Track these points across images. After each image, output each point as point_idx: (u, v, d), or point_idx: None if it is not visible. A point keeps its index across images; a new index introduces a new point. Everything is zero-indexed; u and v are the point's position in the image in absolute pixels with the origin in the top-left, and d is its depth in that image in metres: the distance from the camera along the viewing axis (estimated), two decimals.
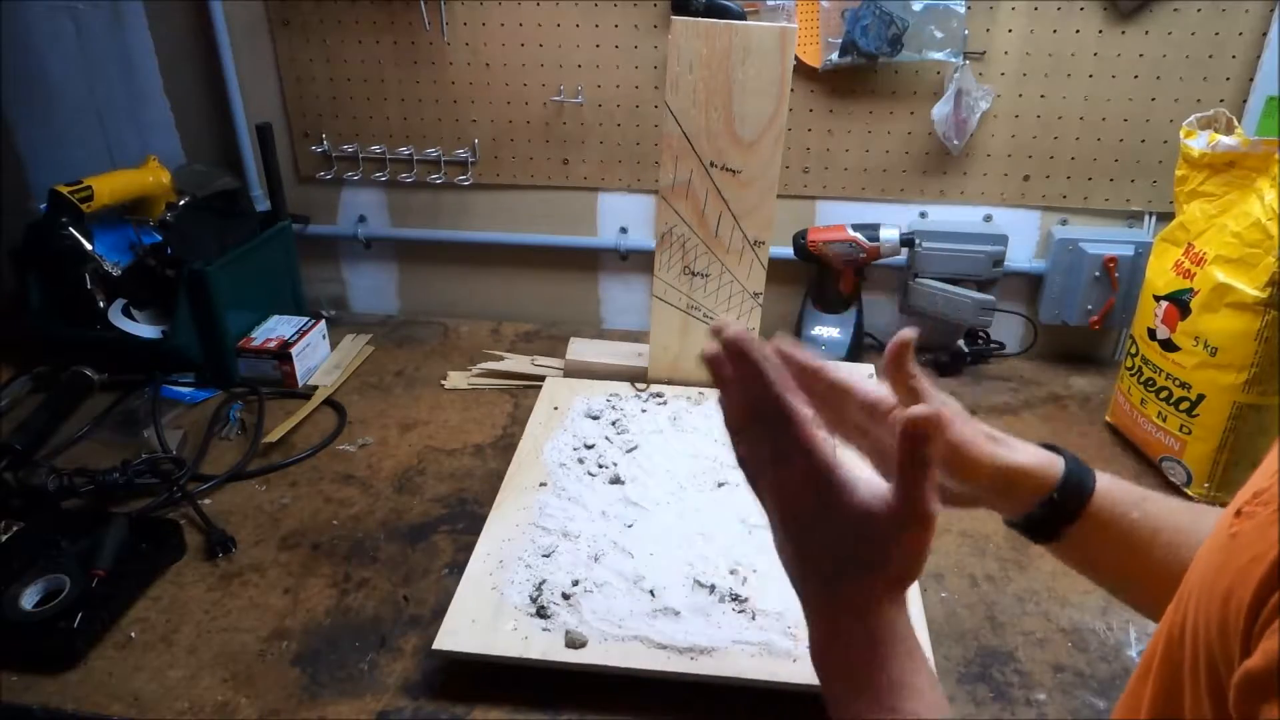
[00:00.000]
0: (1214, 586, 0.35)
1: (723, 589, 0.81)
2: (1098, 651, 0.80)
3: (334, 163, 1.41)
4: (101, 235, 1.25)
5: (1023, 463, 0.56)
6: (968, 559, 0.92)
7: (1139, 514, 0.56)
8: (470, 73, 1.32)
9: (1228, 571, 0.35)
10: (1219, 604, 0.34)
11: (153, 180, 1.29)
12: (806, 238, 1.25)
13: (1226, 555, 0.35)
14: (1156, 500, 0.57)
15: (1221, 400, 0.96)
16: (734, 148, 1.04)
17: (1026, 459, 0.56)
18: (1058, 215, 1.30)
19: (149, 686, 0.76)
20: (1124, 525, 0.56)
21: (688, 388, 1.15)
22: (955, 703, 0.75)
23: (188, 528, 0.94)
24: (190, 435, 1.11)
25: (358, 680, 0.77)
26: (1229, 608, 0.34)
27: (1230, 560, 0.35)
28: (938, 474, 0.48)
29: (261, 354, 1.22)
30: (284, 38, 1.34)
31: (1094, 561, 0.60)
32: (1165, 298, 1.01)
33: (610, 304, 1.48)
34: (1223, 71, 1.18)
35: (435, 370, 1.29)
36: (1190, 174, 1.01)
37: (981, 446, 0.56)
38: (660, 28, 1.25)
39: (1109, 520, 0.56)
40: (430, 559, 0.91)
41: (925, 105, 1.23)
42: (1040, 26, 1.19)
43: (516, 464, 1.00)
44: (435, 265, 1.49)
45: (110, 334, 1.21)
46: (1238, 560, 0.34)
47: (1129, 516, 0.56)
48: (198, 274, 1.17)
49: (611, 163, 1.36)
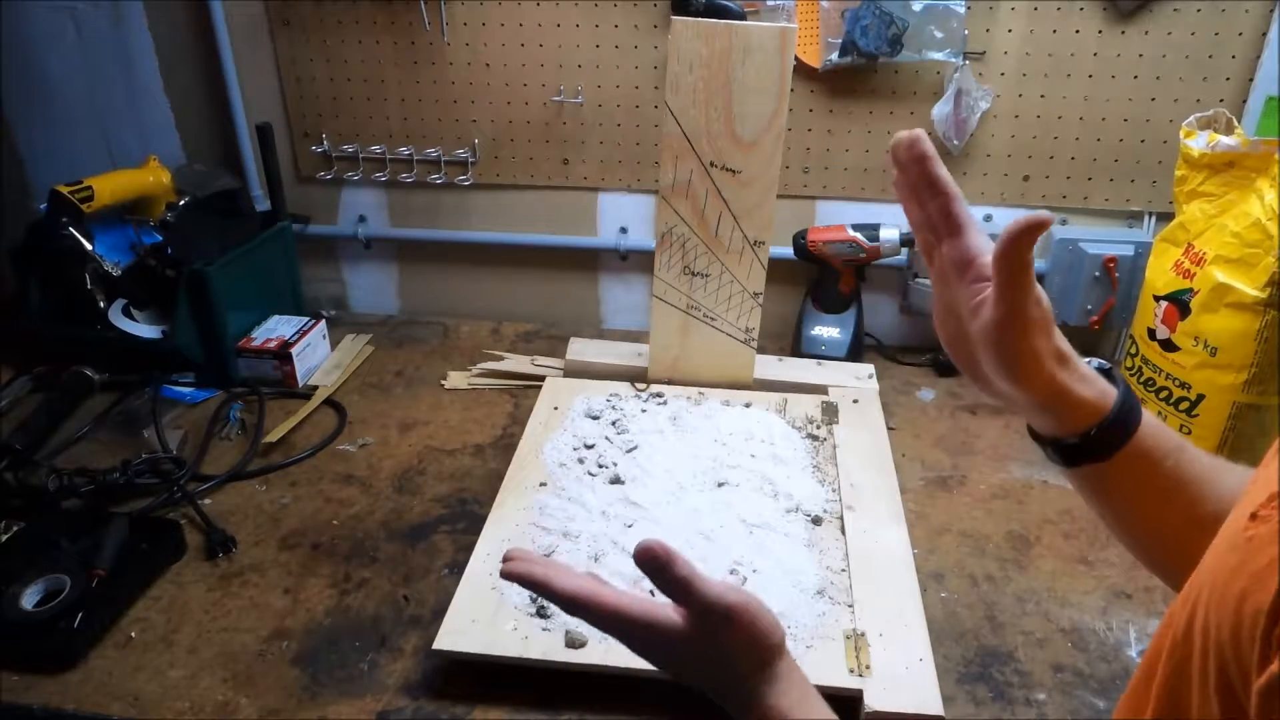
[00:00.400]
0: (1228, 589, 0.35)
1: None
2: (1098, 651, 0.80)
3: (334, 163, 1.41)
4: (101, 235, 1.25)
5: (1079, 397, 0.52)
6: (968, 559, 0.92)
7: (1172, 463, 0.53)
8: (470, 73, 1.32)
9: (1242, 574, 0.34)
10: (1233, 606, 0.34)
11: (153, 180, 1.29)
12: (806, 238, 1.25)
13: (1242, 558, 0.35)
14: (1190, 452, 0.54)
15: (1221, 400, 0.96)
16: (734, 148, 1.04)
17: (1084, 393, 0.52)
18: (1058, 215, 1.30)
19: (149, 686, 0.76)
20: (1153, 473, 0.53)
21: (688, 388, 1.15)
22: (955, 703, 0.75)
23: (188, 528, 0.94)
24: (190, 435, 1.11)
25: (358, 680, 0.77)
26: (1244, 611, 0.33)
27: (1245, 563, 0.34)
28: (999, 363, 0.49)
29: (261, 354, 1.22)
30: (284, 38, 1.34)
31: (1108, 496, 0.57)
32: (1165, 298, 1.01)
33: (610, 304, 1.48)
34: (1223, 71, 1.18)
35: (435, 370, 1.29)
36: (1190, 174, 1.01)
37: (1045, 366, 0.51)
38: (660, 28, 1.25)
39: (1139, 465, 0.53)
40: (430, 559, 0.91)
41: (925, 105, 1.23)
42: (1040, 26, 1.19)
43: (516, 464, 1.00)
44: (435, 265, 1.49)
45: (110, 334, 1.21)
46: (1254, 564, 0.34)
47: (1163, 465, 0.53)
48: (198, 274, 1.17)
49: (611, 163, 1.36)
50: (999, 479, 1.05)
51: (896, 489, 0.97)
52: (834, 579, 0.83)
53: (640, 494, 0.94)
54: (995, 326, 0.50)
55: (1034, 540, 0.95)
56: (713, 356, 1.15)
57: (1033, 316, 0.49)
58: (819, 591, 0.82)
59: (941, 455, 1.09)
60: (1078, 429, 0.53)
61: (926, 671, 0.73)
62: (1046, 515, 0.98)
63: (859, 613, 0.79)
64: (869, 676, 0.73)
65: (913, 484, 1.03)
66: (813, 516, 0.91)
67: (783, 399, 1.13)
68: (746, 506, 0.92)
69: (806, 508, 0.92)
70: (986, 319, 0.50)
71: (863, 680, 0.72)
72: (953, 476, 1.05)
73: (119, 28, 1.36)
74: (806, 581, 0.82)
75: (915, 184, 0.52)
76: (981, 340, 0.52)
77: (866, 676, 0.73)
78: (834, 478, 0.98)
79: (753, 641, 0.51)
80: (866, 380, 1.17)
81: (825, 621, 0.78)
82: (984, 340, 0.51)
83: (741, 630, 0.51)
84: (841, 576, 0.84)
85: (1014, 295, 0.49)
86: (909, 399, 1.21)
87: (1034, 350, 0.50)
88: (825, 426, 1.08)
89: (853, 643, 0.76)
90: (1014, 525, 0.97)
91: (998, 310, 0.49)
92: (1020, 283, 0.48)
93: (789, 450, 1.02)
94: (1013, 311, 0.49)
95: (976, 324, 0.52)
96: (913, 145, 0.51)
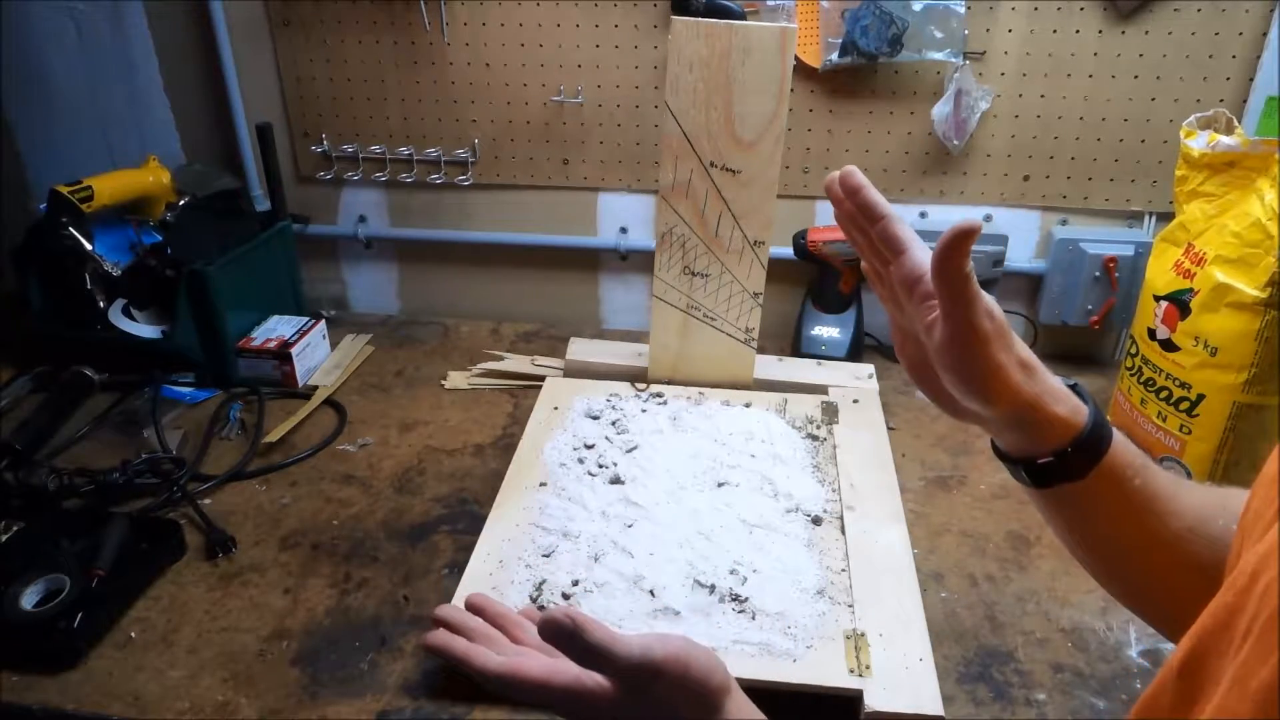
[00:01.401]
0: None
1: (723, 589, 0.81)
2: (1098, 651, 0.80)
3: (334, 163, 1.41)
4: (101, 235, 1.25)
5: (1051, 412, 0.51)
6: (968, 559, 0.92)
7: (1140, 481, 0.52)
8: (470, 73, 1.32)
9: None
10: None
11: (153, 180, 1.29)
12: (806, 238, 1.25)
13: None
14: (1154, 469, 0.53)
15: (1221, 400, 0.96)
16: (734, 148, 1.04)
17: (1056, 409, 0.51)
18: (1058, 215, 1.30)
19: (149, 686, 0.76)
20: (1122, 491, 0.52)
21: (688, 388, 1.15)
22: (955, 703, 0.75)
23: (188, 528, 0.94)
24: (190, 435, 1.11)
25: (358, 680, 0.77)
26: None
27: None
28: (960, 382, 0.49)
29: (261, 354, 1.22)
30: (284, 38, 1.34)
31: (1076, 516, 0.55)
32: (1165, 298, 1.01)
33: (610, 304, 1.48)
34: (1223, 71, 1.18)
35: (435, 370, 1.29)
36: (1190, 174, 1.01)
37: (1009, 378, 0.50)
38: (660, 28, 1.25)
39: (1109, 483, 0.52)
40: (430, 559, 0.91)
41: (925, 105, 1.23)
42: (1040, 26, 1.19)
43: (516, 464, 1.00)
44: (435, 265, 1.49)
45: (110, 334, 1.21)
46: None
47: (1132, 483, 0.52)
48: (198, 274, 1.17)
49: (611, 163, 1.36)
50: (999, 479, 1.04)
51: (896, 489, 0.97)
52: (834, 579, 0.84)
53: (640, 494, 0.94)
54: (950, 342, 0.49)
55: (1034, 540, 0.95)
56: (713, 356, 1.15)
57: (984, 329, 0.49)
58: (819, 591, 0.82)
59: (941, 455, 1.09)
60: (1050, 447, 0.52)
61: (926, 671, 0.73)
62: None
63: (859, 613, 0.79)
64: (869, 676, 0.73)
65: (913, 484, 1.03)
66: (813, 516, 0.91)
67: (783, 399, 1.13)
68: (746, 506, 0.92)
69: (806, 508, 0.92)
70: (939, 337, 0.50)
71: (863, 680, 0.72)
72: (953, 476, 1.05)
73: (119, 28, 1.36)
74: (806, 581, 0.82)
75: (853, 214, 0.54)
76: (939, 360, 0.51)
77: (866, 676, 0.73)
78: (834, 478, 0.98)
79: (690, 690, 0.49)
80: (866, 380, 1.17)
81: (825, 621, 0.78)
82: (941, 359, 0.51)
83: (676, 680, 0.48)
84: (841, 576, 0.84)
85: (961, 310, 0.48)
86: (909, 399, 1.21)
87: (994, 363, 0.50)
88: (825, 426, 1.08)
89: (853, 643, 0.76)
90: (1014, 525, 0.97)
91: (947, 326, 0.49)
92: (964, 296, 0.48)
93: (789, 450, 1.02)
94: (962, 326, 0.48)
95: (932, 344, 0.51)
96: (846, 178, 0.53)
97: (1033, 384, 0.51)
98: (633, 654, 0.47)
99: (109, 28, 1.36)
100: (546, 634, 0.47)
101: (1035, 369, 0.52)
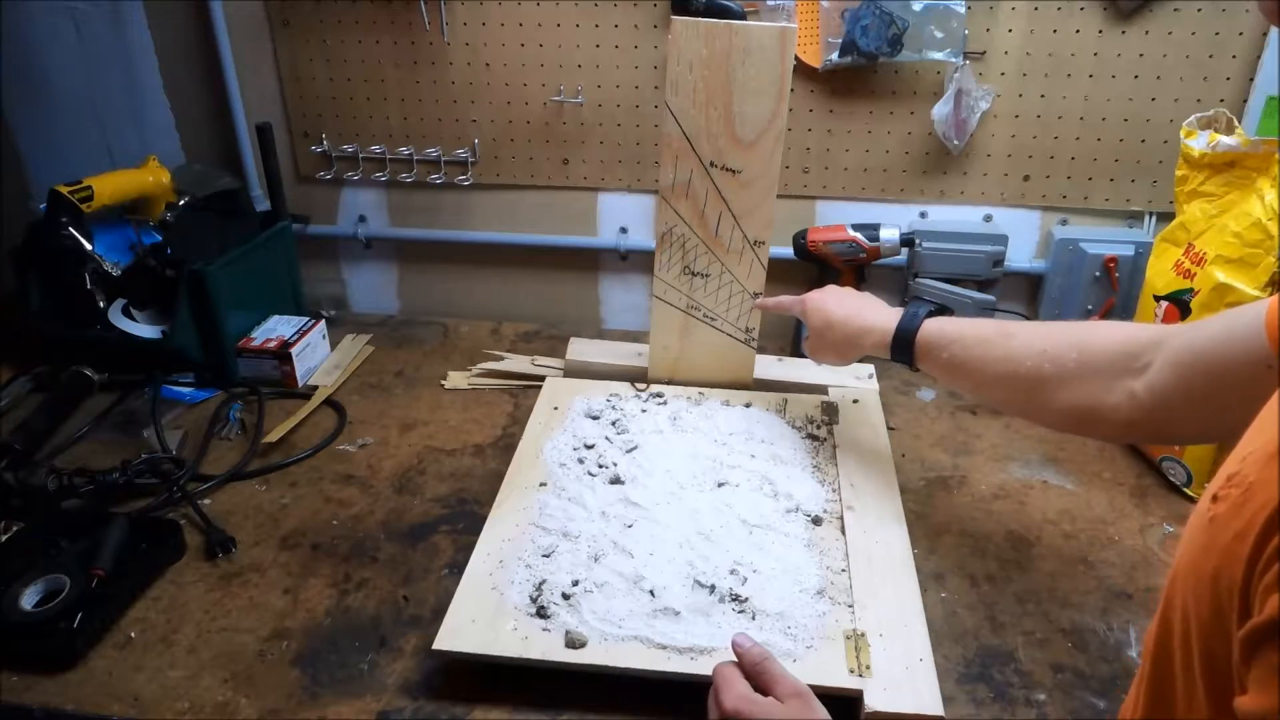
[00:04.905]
0: (1200, 570, 0.37)
1: (723, 589, 0.81)
2: (1098, 651, 0.80)
3: (334, 163, 1.41)
4: (101, 235, 1.25)
5: (868, 347, 0.92)
6: (968, 559, 0.92)
7: (948, 355, 0.83)
8: (470, 73, 1.32)
9: (1212, 553, 0.36)
10: (1208, 585, 0.36)
11: (153, 180, 1.29)
12: (806, 238, 1.25)
13: (1208, 538, 0.37)
14: (967, 340, 0.82)
15: None
16: (734, 148, 1.04)
17: (869, 342, 0.92)
18: (1058, 215, 1.30)
19: (149, 686, 0.76)
20: (939, 361, 0.85)
21: (688, 388, 1.15)
22: (955, 703, 0.75)
23: (188, 528, 0.94)
24: (190, 435, 1.11)
25: (358, 680, 0.77)
26: (1219, 586, 0.35)
27: (1213, 542, 0.36)
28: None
29: (261, 354, 1.22)
30: (284, 38, 1.34)
31: (942, 379, 0.89)
32: (1165, 298, 1.01)
33: (610, 304, 1.48)
34: (1223, 71, 1.18)
35: (435, 370, 1.29)
36: (1190, 174, 1.01)
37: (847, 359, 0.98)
38: (660, 28, 1.25)
39: (930, 361, 0.86)
40: (430, 559, 0.91)
41: (925, 105, 1.23)
42: (1040, 26, 1.19)
43: (516, 464, 1.00)
44: (435, 265, 1.49)
45: (110, 334, 1.21)
46: (1220, 540, 0.35)
47: (940, 357, 0.84)
48: (198, 274, 1.17)
49: (611, 163, 1.36)
50: (999, 479, 1.04)
51: (896, 489, 0.96)
52: (834, 579, 0.83)
53: (640, 494, 0.94)
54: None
55: (1034, 540, 0.95)
56: (713, 356, 1.15)
57: (815, 358, 1.01)
58: (819, 591, 0.82)
59: (941, 455, 1.09)
60: (887, 356, 0.90)
61: (926, 672, 0.73)
62: (1046, 515, 0.98)
63: (859, 613, 0.79)
64: (869, 676, 0.73)
65: (913, 484, 1.03)
66: (813, 516, 0.91)
67: (783, 399, 1.13)
68: (746, 506, 0.92)
69: (806, 508, 0.92)
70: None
71: (863, 680, 0.72)
72: (953, 476, 1.05)
73: (119, 28, 1.36)
74: (807, 581, 0.82)
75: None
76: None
77: (867, 676, 0.73)
78: (834, 478, 0.98)
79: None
80: (866, 380, 1.17)
81: (825, 621, 0.78)
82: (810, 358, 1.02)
83: None
84: (841, 576, 0.84)
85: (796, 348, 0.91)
86: (909, 399, 1.21)
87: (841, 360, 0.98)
88: (825, 426, 1.08)
89: (853, 643, 0.76)
90: (1014, 525, 0.97)
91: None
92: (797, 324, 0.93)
93: (789, 450, 1.02)
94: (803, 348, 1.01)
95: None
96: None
97: (850, 347, 0.95)
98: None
99: (109, 28, 1.36)
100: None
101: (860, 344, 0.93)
